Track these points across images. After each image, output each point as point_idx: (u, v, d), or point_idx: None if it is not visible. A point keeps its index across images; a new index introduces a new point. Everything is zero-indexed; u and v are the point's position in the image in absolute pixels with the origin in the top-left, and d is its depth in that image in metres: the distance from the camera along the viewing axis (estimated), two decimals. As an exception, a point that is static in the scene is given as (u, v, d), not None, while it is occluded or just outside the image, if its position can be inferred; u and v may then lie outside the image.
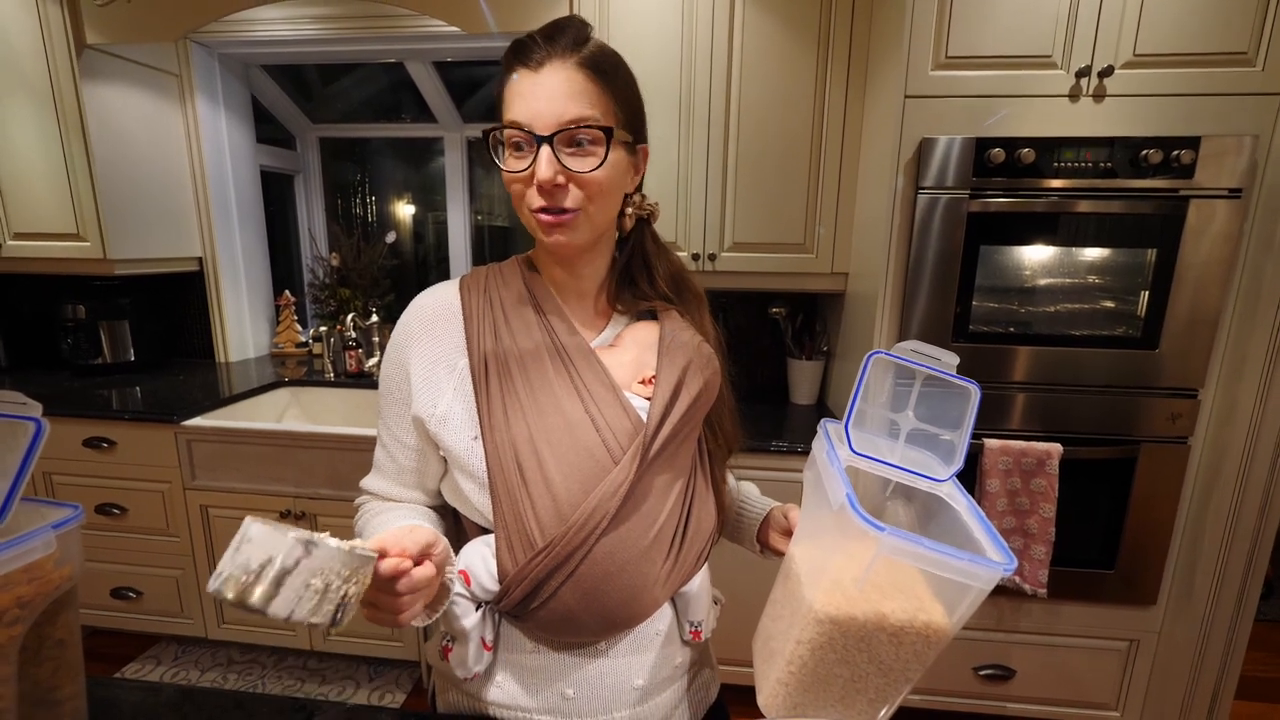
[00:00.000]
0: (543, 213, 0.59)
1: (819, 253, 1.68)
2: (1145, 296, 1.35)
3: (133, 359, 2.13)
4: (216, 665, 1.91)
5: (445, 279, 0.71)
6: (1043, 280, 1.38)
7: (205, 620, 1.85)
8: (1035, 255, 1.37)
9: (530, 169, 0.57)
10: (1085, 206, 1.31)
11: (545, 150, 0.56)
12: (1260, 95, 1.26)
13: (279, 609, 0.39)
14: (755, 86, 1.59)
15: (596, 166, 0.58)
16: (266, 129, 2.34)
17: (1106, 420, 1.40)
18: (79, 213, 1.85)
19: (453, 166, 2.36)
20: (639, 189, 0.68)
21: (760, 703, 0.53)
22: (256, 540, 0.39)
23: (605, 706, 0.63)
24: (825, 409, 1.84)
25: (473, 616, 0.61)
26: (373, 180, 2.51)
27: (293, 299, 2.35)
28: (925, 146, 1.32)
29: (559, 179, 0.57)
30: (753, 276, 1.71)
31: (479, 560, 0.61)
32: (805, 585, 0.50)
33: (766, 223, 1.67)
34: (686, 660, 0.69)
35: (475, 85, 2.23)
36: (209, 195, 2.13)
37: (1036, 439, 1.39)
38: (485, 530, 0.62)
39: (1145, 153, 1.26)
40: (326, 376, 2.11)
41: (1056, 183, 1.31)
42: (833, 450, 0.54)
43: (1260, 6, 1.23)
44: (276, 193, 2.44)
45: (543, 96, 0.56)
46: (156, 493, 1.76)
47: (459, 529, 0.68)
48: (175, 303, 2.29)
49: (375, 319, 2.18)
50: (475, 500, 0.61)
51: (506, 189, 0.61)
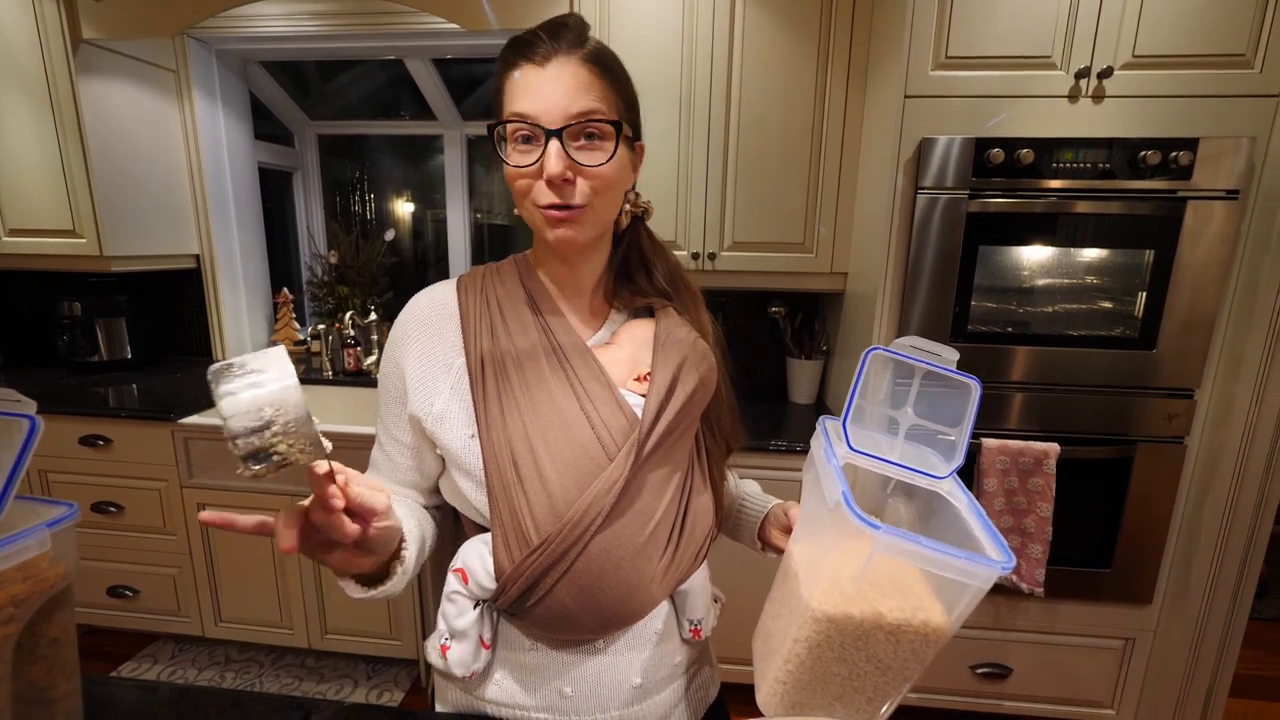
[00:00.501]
0: (550, 208, 0.58)
1: (818, 252, 1.68)
2: (1143, 297, 1.36)
3: (129, 356, 2.12)
4: (214, 664, 1.90)
5: (444, 277, 0.71)
6: (1041, 280, 1.38)
7: (202, 619, 1.85)
8: (1034, 255, 1.37)
9: (538, 163, 0.56)
10: (1084, 207, 1.32)
11: (554, 144, 0.55)
12: (1258, 97, 1.26)
13: (227, 404, 0.39)
14: (755, 86, 1.59)
15: (606, 160, 0.58)
16: (264, 125, 2.32)
17: (1103, 420, 1.41)
18: (75, 209, 1.83)
19: (452, 164, 2.35)
20: (633, 186, 0.68)
21: (759, 701, 0.53)
22: (272, 356, 0.41)
23: (603, 704, 0.63)
24: (824, 408, 1.84)
25: (471, 615, 0.61)
26: (371, 178, 2.50)
27: (291, 297, 2.34)
28: (925, 146, 1.32)
29: (568, 174, 0.57)
30: (752, 276, 1.71)
31: (476, 558, 0.61)
32: (803, 583, 0.50)
33: (766, 222, 1.67)
34: (686, 659, 0.68)
35: (475, 82, 2.22)
36: (206, 192, 2.11)
37: (1034, 438, 1.39)
38: (484, 529, 0.62)
39: (1143, 154, 1.27)
40: (325, 374, 2.11)
41: (1055, 183, 1.31)
42: (830, 447, 0.53)
43: (1259, 8, 1.23)
44: (275, 190, 2.43)
45: (550, 91, 0.56)
46: (153, 491, 1.75)
47: (458, 528, 0.68)
48: (172, 300, 2.27)
49: (374, 317, 2.18)
50: (472, 498, 0.61)
51: (509, 184, 0.60)
